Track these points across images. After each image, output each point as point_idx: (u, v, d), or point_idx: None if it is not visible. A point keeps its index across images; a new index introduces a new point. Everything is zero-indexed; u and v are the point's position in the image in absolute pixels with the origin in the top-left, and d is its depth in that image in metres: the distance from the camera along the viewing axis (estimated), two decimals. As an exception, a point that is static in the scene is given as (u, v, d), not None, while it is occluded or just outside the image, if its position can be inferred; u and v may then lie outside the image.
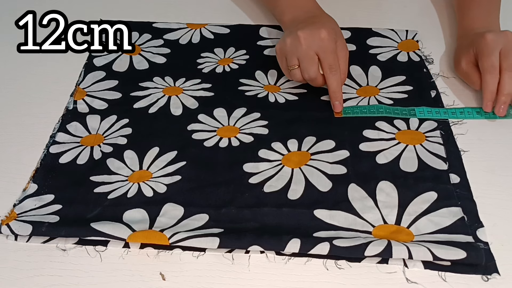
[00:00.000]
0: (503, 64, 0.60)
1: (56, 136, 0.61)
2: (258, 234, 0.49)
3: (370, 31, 0.75)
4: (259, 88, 0.67)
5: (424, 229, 0.50)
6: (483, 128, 0.61)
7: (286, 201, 0.53)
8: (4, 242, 0.51)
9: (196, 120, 0.63)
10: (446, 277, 0.47)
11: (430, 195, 0.53)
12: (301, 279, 0.47)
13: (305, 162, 0.57)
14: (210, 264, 0.49)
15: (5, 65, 0.72)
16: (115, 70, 0.70)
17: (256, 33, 0.76)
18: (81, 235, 0.50)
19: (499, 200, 0.53)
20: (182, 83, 0.68)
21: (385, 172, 0.55)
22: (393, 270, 0.48)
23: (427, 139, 0.59)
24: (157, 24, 0.78)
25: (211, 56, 0.72)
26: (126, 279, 0.48)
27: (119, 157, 0.58)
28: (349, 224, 0.51)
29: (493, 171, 0.56)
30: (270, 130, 0.61)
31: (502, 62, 0.60)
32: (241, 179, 0.55)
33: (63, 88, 0.67)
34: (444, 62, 0.70)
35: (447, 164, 0.56)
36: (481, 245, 0.48)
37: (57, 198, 0.54)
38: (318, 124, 0.61)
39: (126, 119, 0.63)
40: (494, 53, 0.60)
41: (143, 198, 0.54)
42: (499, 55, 0.60)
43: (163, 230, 0.50)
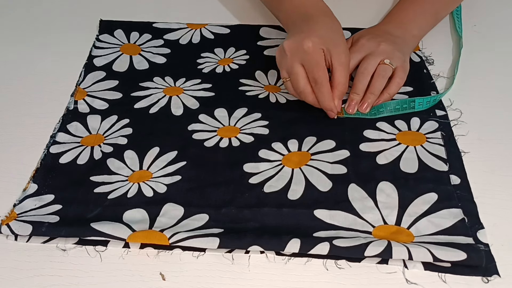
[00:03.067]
0: (360, 65, 0.63)
1: (57, 136, 0.61)
2: (258, 234, 0.49)
3: (371, 31, 0.75)
4: (259, 88, 0.67)
5: (424, 230, 0.50)
6: (483, 129, 0.61)
7: (286, 201, 0.53)
8: (4, 242, 0.51)
9: (196, 120, 0.63)
10: (446, 279, 0.47)
11: (430, 196, 0.53)
12: (301, 279, 0.47)
13: (305, 162, 0.57)
14: (210, 264, 0.49)
15: (5, 65, 0.72)
16: (115, 70, 0.70)
17: (256, 33, 0.76)
18: (81, 235, 0.50)
19: (499, 201, 0.53)
20: (183, 83, 0.68)
21: (386, 172, 0.55)
22: (393, 271, 0.48)
23: (427, 140, 0.59)
24: (157, 24, 0.78)
25: (211, 56, 0.72)
26: (126, 279, 0.48)
27: (120, 157, 0.58)
28: (349, 224, 0.51)
29: (493, 171, 0.56)
30: (270, 130, 0.61)
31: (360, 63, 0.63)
32: (241, 179, 0.55)
33: (63, 88, 0.67)
34: (445, 63, 0.70)
35: (448, 165, 0.56)
36: (482, 246, 0.48)
37: (57, 198, 0.54)
38: (318, 124, 0.61)
39: (126, 119, 0.63)
40: (357, 55, 0.63)
41: (143, 198, 0.54)
42: (362, 58, 0.63)
43: (163, 230, 0.50)
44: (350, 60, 0.61)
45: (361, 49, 0.64)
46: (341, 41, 0.60)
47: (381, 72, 0.62)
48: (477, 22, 0.75)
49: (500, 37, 0.74)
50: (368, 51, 0.63)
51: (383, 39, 0.64)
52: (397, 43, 0.65)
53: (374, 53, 0.63)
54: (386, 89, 0.62)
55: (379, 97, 0.62)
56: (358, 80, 0.62)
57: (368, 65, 0.62)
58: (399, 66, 0.63)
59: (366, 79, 0.62)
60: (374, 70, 0.62)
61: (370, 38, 0.65)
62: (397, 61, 0.63)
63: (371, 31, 0.67)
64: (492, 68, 0.69)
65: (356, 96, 0.61)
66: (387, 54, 0.63)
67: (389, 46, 0.63)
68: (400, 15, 0.70)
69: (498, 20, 0.77)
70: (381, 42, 0.63)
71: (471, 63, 0.70)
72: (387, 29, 0.68)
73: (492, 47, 0.73)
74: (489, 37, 0.74)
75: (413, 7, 0.70)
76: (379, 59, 0.62)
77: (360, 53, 0.63)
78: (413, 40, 0.68)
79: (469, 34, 0.74)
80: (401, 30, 0.68)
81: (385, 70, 0.62)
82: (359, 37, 0.66)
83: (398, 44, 0.65)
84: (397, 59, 0.63)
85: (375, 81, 0.62)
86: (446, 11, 0.73)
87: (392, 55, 0.63)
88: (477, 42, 0.73)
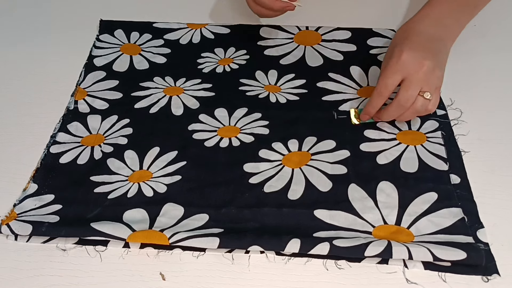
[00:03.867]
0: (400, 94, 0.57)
1: (57, 136, 0.61)
2: (258, 234, 0.49)
3: (371, 31, 0.75)
4: (259, 88, 0.67)
5: (424, 229, 0.50)
6: (483, 129, 0.61)
7: (286, 201, 0.53)
8: (4, 242, 0.51)
9: (197, 120, 0.63)
10: (446, 278, 0.47)
11: (430, 195, 0.53)
12: (301, 279, 0.47)
13: (306, 162, 0.57)
14: (210, 264, 0.49)
15: (5, 65, 0.72)
16: (115, 70, 0.70)
17: (256, 33, 0.76)
18: (81, 235, 0.50)
19: (499, 200, 0.53)
20: (183, 83, 0.68)
21: (386, 172, 0.55)
22: (393, 271, 0.48)
23: (428, 139, 0.59)
24: (158, 24, 0.78)
25: (212, 56, 0.72)
26: (126, 279, 0.48)
27: (120, 157, 0.58)
28: (349, 224, 0.51)
29: (493, 171, 0.56)
30: (270, 130, 0.61)
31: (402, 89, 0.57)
32: (241, 179, 0.55)
33: (63, 88, 0.67)
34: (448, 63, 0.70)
35: (448, 165, 0.56)
36: (481, 246, 0.48)
37: (57, 198, 0.54)
38: (318, 124, 0.61)
39: (127, 119, 0.63)
40: (395, 76, 0.57)
41: (143, 198, 0.54)
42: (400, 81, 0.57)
43: (163, 230, 0.50)
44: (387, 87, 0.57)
45: (403, 68, 0.57)
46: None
47: (418, 106, 0.57)
48: (477, 22, 0.75)
49: (500, 37, 0.74)
50: (408, 71, 0.56)
51: (425, 54, 0.57)
52: (438, 54, 0.59)
53: (414, 77, 0.56)
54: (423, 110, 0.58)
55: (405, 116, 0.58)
56: (395, 109, 0.58)
57: (410, 97, 0.56)
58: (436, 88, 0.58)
59: (402, 112, 0.58)
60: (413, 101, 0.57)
61: (411, 52, 0.57)
62: (436, 82, 0.57)
63: (412, 37, 0.59)
64: (492, 68, 0.69)
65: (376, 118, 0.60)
66: (427, 78, 0.56)
67: (431, 65, 0.56)
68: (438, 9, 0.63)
69: (498, 20, 0.77)
70: (424, 61, 0.56)
71: (471, 63, 0.70)
72: (427, 31, 0.60)
73: (492, 47, 0.73)
74: (489, 37, 0.74)
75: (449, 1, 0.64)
76: (419, 87, 0.56)
77: (398, 74, 0.57)
78: (452, 40, 0.63)
79: (469, 34, 0.74)
80: (441, 28, 0.61)
81: (423, 106, 0.57)
82: (400, 47, 0.58)
83: (439, 56, 0.59)
84: (436, 81, 0.57)
85: (409, 114, 0.58)
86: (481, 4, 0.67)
87: (433, 77, 0.57)
88: (477, 42, 0.73)
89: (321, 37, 0.74)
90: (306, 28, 0.76)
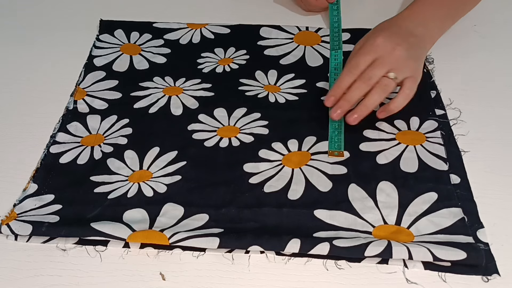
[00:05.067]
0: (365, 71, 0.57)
1: (57, 136, 0.61)
2: (258, 234, 0.49)
3: (371, 31, 0.75)
4: (259, 88, 0.67)
5: (424, 229, 0.50)
6: (483, 129, 0.61)
7: (286, 201, 0.53)
8: (4, 242, 0.51)
9: (196, 120, 0.63)
10: (446, 278, 0.47)
11: (430, 195, 0.53)
12: (301, 279, 0.47)
13: (305, 162, 0.57)
14: (210, 264, 0.49)
15: (5, 65, 0.72)
16: (115, 70, 0.70)
17: (256, 33, 0.76)
18: (81, 235, 0.50)
19: (499, 200, 0.53)
20: (182, 83, 0.68)
21: (386, 172, 0.55)
22: (393, 271, 0.48)
23: (427, 139, 0.59)
24: (157, 24, 0.78)
25: (212, 56, 0.72)
26: (126, 279, 0.48)
27: (120, 157, 0.58)
28: (349, 224, 0.51)
29: (493, 171, 0.56)
30: (270, 130, 0.61)
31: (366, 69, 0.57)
32: (241, 179, 0.55)
33: (63, 88, 0.67)
34: (444, 62, 0.70)
35: (448, 165, 0.56)
36: (481, 246, 0.48)
37: (57, 198, 0.54)
38: (318, 124, 0.61)
39: (126, 119, 0.63)
40: (367, 57, 0.58)
41: (143, 198, 0.54)
42: (372, 61, 0.58)
43: (163, 230, 0.50)
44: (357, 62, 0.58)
45: (374, 50, 0.58)
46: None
47: (382, 85, 0.57)
48: (477, 22, 0.75)
49: (500, 37, 0.74)
50: (380, 53, 0.58)
51: (400, 42, 0.59)
52: (414, 47, 0.60)
53: (385, 59, 0.58)
54: (393, 100, 0.57)
55: (385, 108, 0.58)
56: (356, 87, 0.57)
57: (373, 75, 0.57)
58: (409, 76, 0.58)
59: (365, 89, 0.57)
60: (377, 81, 0.57)
61: (387, 38, 0.59)
62: (408, 71, 0.58)
63: (391, 29, 0.61)
64: (492, 67, 0.69)
65: (346, 104, 0.58)
66: (398, 63, 0.58)
67: (404, 52, 0.58)
68: (422, 10, 0.64)
69: (498, 20, 0.77)
70: (397, 46, 0.58)
71: (471, 63, 0.70)
72: (408, 27, 0.62)
73: (492, 47, 0.73)
74: (489, 37, 0.74)
75: (435, 5, 0.65)
76: (387, 68, 0.57)
77: (370, 55, 0.58)
78: (431, 42, 0.64)
79: (469, 34, 0.74)
80: (422, 28, 0.62)
81: (387, 84, 0.57)
82: (376, 35, 0.60)
83: (414, 49, 0.60)
84: (407, 69, 0.58)
85: (373, 93, 0.57)
86: (464, 12, 0.70)
87: (404, 64, 0.58)
88: (477, 42, 0.73)
89: (321, 38, 0.74)
90: (306, 28, 0.76)
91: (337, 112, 0.58)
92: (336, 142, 0.58)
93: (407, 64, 0.58)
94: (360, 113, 0.58)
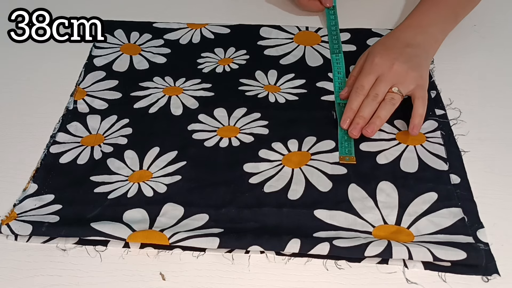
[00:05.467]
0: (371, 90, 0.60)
1: (57, 136, 0.61)
2: (258, 234, 0.49)
3: (370, 31, 0.75)
4: (259, 88, 0.67)
5: (424, 229, 0.50)
6: (483, 129, 0.61)
7: (286, 201, 0.53)
8: (4, 242, 0.51)
9: (196, 120, 0.63)
10: (446, 278, 0.47)
11: (430, 195, 0.53)
12: (301, 279, 0.47)
13: (305, 162, 0.57)
14: (210, 264, 0.49)
15: (5, 65, 0.72)
16: (115, 70, 0.70)
17: (256, 33, 0.76)
18: (81, 235, 0.50)
19: (499, 200, 0.53)
20: (182, 83, 0.68)
21: (386, 172, 0.55)
22: (393, 271, 0.48)
23: (427, 139, 0.59)
24: (158, 24, 0.78)
25: (211, 56, 0.72)
26: (126, 279, 0.48)
27: (120, 157, 0.58)
28: (349, 224, 0.51)
29: (493, 171, 0.56)
30: (270, 130, 0.61)
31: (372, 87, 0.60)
32: (241, 179, 0.55)
33: (63, 88, 0.67)
34: (444, 62, 0.70)
35: (448, 165, 0.56)
36: (481, 245, 0.48)
37: (57, 198, 0.54)
38: (318, 124, 0.61)
39: (126, 119, 0.63)
40: (369, 77, 0.60)
41: (143, 198, 0.54)
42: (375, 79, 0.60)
43: (163, 230, 0.50)
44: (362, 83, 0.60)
45: (374, 69, 0.61)
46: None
47: (388, 99, 0.59)
48: (477, 22, 0.75)
49: (500, 37, 0.74)
50: (381, 71, 0.60)
51: (397, 56, 0.61)
52: (413, 57, 0.61)
53: (386, 76, 0.60)
54: (413, 114, 0.58)
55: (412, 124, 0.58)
56: (366, 104, 0.59)
57: (379, 92, 0.59)
58: (415, 86, 0.59)
59: (375, 106, 0.59)
60: (384, 97, 0.59)
61: (384, 56, 0.61)
62: (411, 82, 0.60)
63: (387, 44, 0.64)
64: (492, 67, 0.69)
65: (361, 120, 0.59)
66: (399, 77, 0.60)
67: (403, 65, 0.60)
68: (421, 18, 0.66)
69: (498, 20, 0.77)
70: (395, 62, 0.60)
71: (471, 63, 0.70)
72: (406, 38, 0.64)
73: (492, 47, 0.73)
74: (489, 37, 0.74)
75: (434, 9, 0.67)
76: (390, 84, 0.60)
77: (372, 75, 0.60)
78: (435, 46, 0.65)
79: (469, 34, 0.74)
80: (422, 35, 0.64)
81: (394, 98, 0.59)
82: (374, 54, 0.63)
83: (414, 59, 0.61)
84: (410, 81, 0.60)
85: (382, 107, 0.59)
86: (465, 12, 0.70)
87: (406, 77, 0.60)
88: (477, 42, 0.73)
89: (320, 38, 0.74)
90: (306, 28, 0.76)
91: (355, 129, 0.58)
92: (347, 147, 0.58)
93: (408, 76, 0.60)
94: (375, 124, 0.58)
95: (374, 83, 0.60)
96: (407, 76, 0.60)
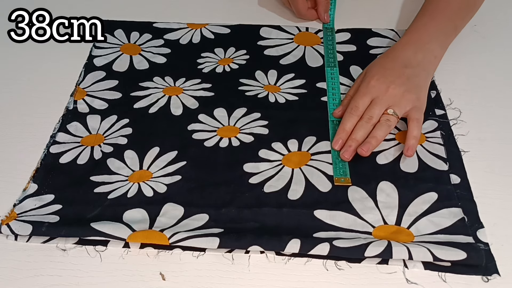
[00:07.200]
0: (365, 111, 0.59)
1: (57, 136, 0.61)
2: (258, 234, 0.49)
3: (370, 31, 0.75)
4: (259, 88, 0.67)
5: (424, 229, 0.50)
6: (483, 129, 0.61)
7: (286, 201, 0.53)
8: (4, 242, 0.51)
9: (196, 120, 0.63)
10: (446, 278, 0.47)
11: (430, 195, 0.53)
12: (301, 279, 0.47)
13: (305, 162, 0.57)
14: (210, 264, 0.49)
15: (6, 65, 0.72)
16: (115, 70, 0.70)
17: (256, 33, 0.76)
18: (81, 235, 0.50)
19: (499, 200, 0.53)
20: (182, 83, 0.68)
21: (386, 172, 0.55)
22: (393, 271, 0.48)
23: (427, 139, 0.59)
24: (158, 24, 0.78)
25: (212, 56, 0.72)
26: (126, 279, 0.48)
27: (120, 157, 0.58)
28: (349, 224, 0.51)
29: (493, 171, 0.56)
30: (270, 130, 0.61)
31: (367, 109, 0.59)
32: (241, 179, 0.55)
33: (63, 88, 0.67)
34: (444, 61, 0.70)
35: (448, 165, 0.56)
36: (481, 246, 0.48)
37: (57, 198, 0.54)
38: (318, 124, 0.61)
39: (126, 119, 0.63)
40: (364, 98, 0.59)
41: (143, 198, 0.54)
42: (370, 101, 0.59)
43: (163, 230, 0.50)
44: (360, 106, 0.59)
45: (369, 91, 0.60)
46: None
47: (384, 121, 0.58)
48: (477, 22, 0.75)
49: (500, 37, 0.74)
50: (376, 94, 0.59)
51: (394, 79, 0.60)
52: (411, 78, 0.60)
53: (381, 99, 0.59)
54: (407, 136, 0.57)
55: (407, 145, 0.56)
56: (360, 126, 0.58)
57: (373, 114, 0.58)
58: (411, 108, 0.59)
59: (369, 128, 0.58)
60: (379, 119, 0.59)
61: (380, 78, 0.60)
62: (407, 104, 0.59)
63: (385, 65, 0.63)
64: (492, 67, 0.69)
65: (354, 142, 0.57)
66: (394, 100, 0.59)
67: (400, 88, 0.59)
68: (420, 33, 0.65)
69: (498, 20, 0.77)
70: (391, 85, 0.59)
71: (471, 63, 0.70)
72: (405, 57, 0.63)
73: (492, 47, 0.73)
74: (489, 37, 0.74)
75: (433, 23, 0.66)
76: (385, 106, 0.59)
77: (367, 97, 0.59)
78: (435, 62, 0.64)
79: (469, 34, 0.74)
80: (422, 53, 0.63)
81: (389, 119, 0.58)
82: (371, 75, 0.62)
83: (412, 80, 0.60)
84: (406, 103, 0.59)
85: (377, 128, 0.58)
86: (464, 23, 0.70)
87: (401, 99, 0.59)
88: (477, 42, 0.73)
89: (320, 39, 0.74)
90: (306, 29, 0.76)
91: (347, 151, 0.57)
92: (341, 168, 0.56)
93: (404, 98, 0.59)
94: (370, 143, 0.57)
95: (369, 105, 0.59)
96: (402, 98, 0.59)
